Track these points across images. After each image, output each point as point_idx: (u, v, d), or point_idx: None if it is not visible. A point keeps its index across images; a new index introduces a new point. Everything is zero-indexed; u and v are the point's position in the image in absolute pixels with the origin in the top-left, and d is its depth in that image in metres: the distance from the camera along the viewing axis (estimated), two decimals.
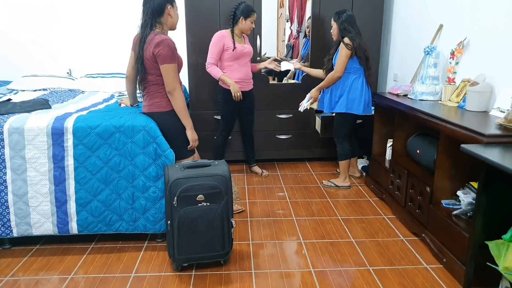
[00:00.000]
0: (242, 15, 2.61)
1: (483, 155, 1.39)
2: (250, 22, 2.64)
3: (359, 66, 2.58)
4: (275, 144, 3.27)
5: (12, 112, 2.04)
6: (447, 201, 1.96)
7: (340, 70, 2.56)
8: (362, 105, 2.61)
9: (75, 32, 3.42)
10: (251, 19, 2.64)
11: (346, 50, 2.52)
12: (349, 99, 2.61)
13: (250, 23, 2.64)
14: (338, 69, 2.57)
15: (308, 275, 1.79)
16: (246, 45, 2.74)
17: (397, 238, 2.13)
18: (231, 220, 1.81)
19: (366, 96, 2.63)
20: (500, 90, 1.94)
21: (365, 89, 2.63)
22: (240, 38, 2.71)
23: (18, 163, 1.88)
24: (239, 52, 2.66)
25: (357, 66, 2.58)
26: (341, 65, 2.55)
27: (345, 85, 2.62)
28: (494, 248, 1.40)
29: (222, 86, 2.73)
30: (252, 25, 2.67)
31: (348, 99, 2.61)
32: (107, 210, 1.96)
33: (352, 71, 2.60)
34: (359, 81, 2.60)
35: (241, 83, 2.71)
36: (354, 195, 2.72)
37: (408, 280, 1.75)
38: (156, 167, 1.94)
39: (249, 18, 2.62)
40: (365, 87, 2.63)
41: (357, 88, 2.60)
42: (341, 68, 2.56)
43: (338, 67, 2.56)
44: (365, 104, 2.63)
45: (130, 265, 1.87)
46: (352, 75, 2.61)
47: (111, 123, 1.92)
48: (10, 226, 1.93)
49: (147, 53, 1.84)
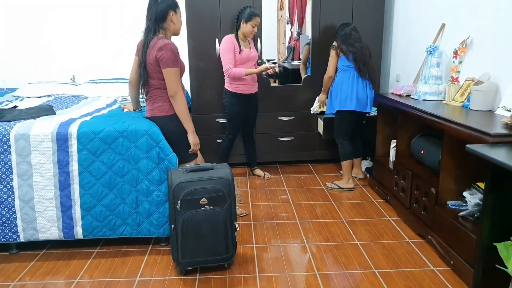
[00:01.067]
0: (243, 18, 2.63)
1: (489, 155, 1.37)
2: (251, 26, 2.64)
3: (348, 63, 2.65)
4: (277, 146, 3.26)
5: (18, 119, 2.06)
6: (453, 202, 1.93)
7: (330, 70, 2.72)
8: (355, 101, 2.63)
9: (78, 39, 3.46)
10: (252, 23, 2.63)
11: (331, 51, 2.69)
12: (341, 96, 2.67)
13: (251, 27, 2.64)
14: (328, 70, 2.73)
15: (313, 278, 1.78)
16: (252, 50, 2.76)
17: (402, 240, 2.11)
18: (235, 223, 1.81)
19: (359, 92, 2.64)
20: (506, 88, 1.91)
21: (357, 85, 2.64)
22: (245, 42, 2.73)
23: (24, 168, 1.90)
24: (246, 56, 2.68)
25: (345, 64, 2.66)
26: (329, 65, 2.72)
27: (337, 84, 2.71)
28: (503, 250, 1.38)
29: (229, 89, 2.74)
30: (253, 29, 2.66)
31: (340, 97, 2.67)
32: (111, 215, 1.97)
33: (342, 69, 2.68)
34: (349, 78, 2.65)
35: (248, 86, 2.74)
36: (358, 197, 2.70)
37: (415, 283, 1.73)
38: (160, 171, 1.94)
39: (250, 22, 2.63)
40: (357, 83, 2.64)
41: (348, 85, 2.65)
42: (330, 68, 2.72)
43: (328, 68, 2.73)
44: (358, 100, 2.64)
45: (135, 269, 1.87)
46: (342, 73, 2.68)
47: (114, 128, 1.93)
48: (17, 231, 1.95)
49: (150, 57, 1.86)
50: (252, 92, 2.79)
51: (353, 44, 2.62)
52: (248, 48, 2.74)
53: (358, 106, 2.65)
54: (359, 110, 2.66)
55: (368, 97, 2.67)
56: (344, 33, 2.68)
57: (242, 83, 2.70)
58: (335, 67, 2.70)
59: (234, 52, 2.63)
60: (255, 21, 2.64)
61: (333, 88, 2.75)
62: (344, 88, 2.66)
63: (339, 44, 2.66)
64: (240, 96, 2.74)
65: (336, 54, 2.67)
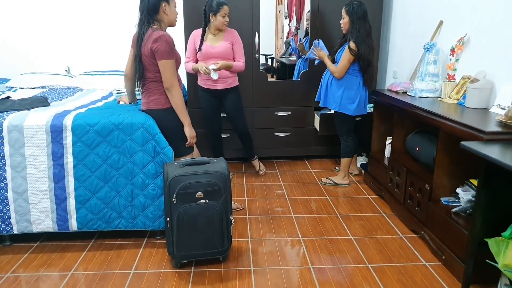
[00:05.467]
0: (211, 11, 2.45)
1: (483, 152, 1.39)
2: (221, 17, 2.44)
3: (357, 68, 2.57)
4: (274, 142, 3.26)
5: (11, 110, 2.03)
6: (446, 199, 1.95)
7: (340, 71, 2.56)
8: (355, 106, 2.60)
9: (74, 30, 3.40)
10: (222, 13, 2.44)
11: (349, 55, 2.49)
12: (343, 98, 2.61)
13: (221, 17, 2.44)
14: (339, 70, 2.56)
15: (307, 272, 1.80)
16: (219, 44, 2.52)
17: (396, 235, 2.13)
18: (230, 217, 1.81)
19: (360, 97, 2.62)
20: (501, 86, 1.93)
21: (361, 90, 2.62)
22: (215, 36, 2.54)
23: (17, 160, 1.89)
24: (205, 52, 2.51)
25: (355, 68, 2.58)
26: (342, 67, 2.54)
27: (340, 84, 2.62)
28: (494, 246, 1.40)
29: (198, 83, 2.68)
30: (224, 19, 2.45)
31: (342, 98, 2.61)
32: (107, 208, 1.96)
33: (350, 72, 2.59)
34: (356, 82, 2.60)
35: (204, 80, 2.60)
36: (353, 192, 2.72)
37: (407, 277, 1.76)
38: (155, 164, 1.94)
39: (219, 13, 2.43)
40: (361, 88, 2.62)
41: (352, 89, 2.59)
42: (342, 70, 2.56)
43: (339, 68, 2.55)
44: (359, 105, 2.62)
45: (130, 262, 1.87)
46: (349, 76, 2.60)
47: (110, 120, 1.92)
48: (10, 223, 1.94)
49: (145, 49, 1.84)
50: (217, 88, 2.59)
51: (370, 53, 2.47)
52: (216, 42, 2.52)
53: (357, 111, 2.63)
54: (357, 114, 2.66)
55: (366, 99, 2.67)
56: (365, 31, 2.45)
57: (199, 78, 2.65)
58: (346, 71, 2.55)
59: (193, 47, 2.56)
60: (224, 10, 2.44)
61: (332, 86, 2.67)
62: (346, 92, 2.60)
63: (360, 52, 2.45)
64: (203, 90, 2.65)
65: (352, 60, 2.50)
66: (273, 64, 3.90)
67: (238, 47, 2.58)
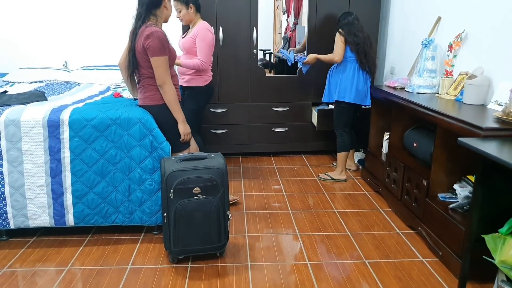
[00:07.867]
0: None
1: (480, 148, 1.39)
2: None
3: (351, 54, 2.61)
4: (271, 137, 3.26)
5: (8, 104, 2.02)
6: (444, 195, 1.96)
7: (339, 54, 2.62)
8: (354, 93, 2.62)
9: (71, 24, 3.38)
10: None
11: (339, 36, 2.60)
12: (341, 87, 2.65)
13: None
14: (337, 53, 2.62)
15: (304, 268, 1.80)
16: (185, 39, 2.36)
17: (393, 231, 2.14)
18: (227, 212, 1.81)
19: (359, 84, 2.63)
20: (498, 83, 1.93)
21: (357, 78, 2.63)
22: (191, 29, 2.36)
23: (14, 155, 1.87)
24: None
25: (348, 55, 2.62)
26: (339, 49, 2.60)
27: (337, 74, 2.68)
28: (491, 242, 1.41)
29: None
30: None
31: (339, 87, 2.66)
32: (104, 202, 1.96)
33: (348, 60, 2.64)
34: (350, 69, 2.63)
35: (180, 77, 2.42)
36: (350, 188, 2.73)
37: (403, 273, 1.76)
38: (153, 159, 1.93)
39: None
40: (357, 76, 2.63)
41: (348, 77, 2.63)
42: (340, 53, 2.61)
43: (337, 51, 2.62)
44: (358, 92, 2.63)
45: (127, 257, 1.87)
46: (343, 64, 2.65)
47: (107, 115, 1.91)
48: (7, 218, 1.93)
49: (138, 45, 1.83)
50: (181, 84, 2.42)
51: (357, 34, 2.57)
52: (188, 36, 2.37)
53: (357, 99, 2.64)
54: (357, 102, 2.66)
55: (368, 89, 2.68)
56: (347, 21, 2.61)
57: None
58: (343, 52, 2.61)
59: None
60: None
61: (333, 78, 2.73)
62: (344, 79, 2.64)
63: (346, 33, 2.57)
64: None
65: (344, 41, 2.58)
66: (271, 59, 3.89)
67: (198, 42, 2.29)
